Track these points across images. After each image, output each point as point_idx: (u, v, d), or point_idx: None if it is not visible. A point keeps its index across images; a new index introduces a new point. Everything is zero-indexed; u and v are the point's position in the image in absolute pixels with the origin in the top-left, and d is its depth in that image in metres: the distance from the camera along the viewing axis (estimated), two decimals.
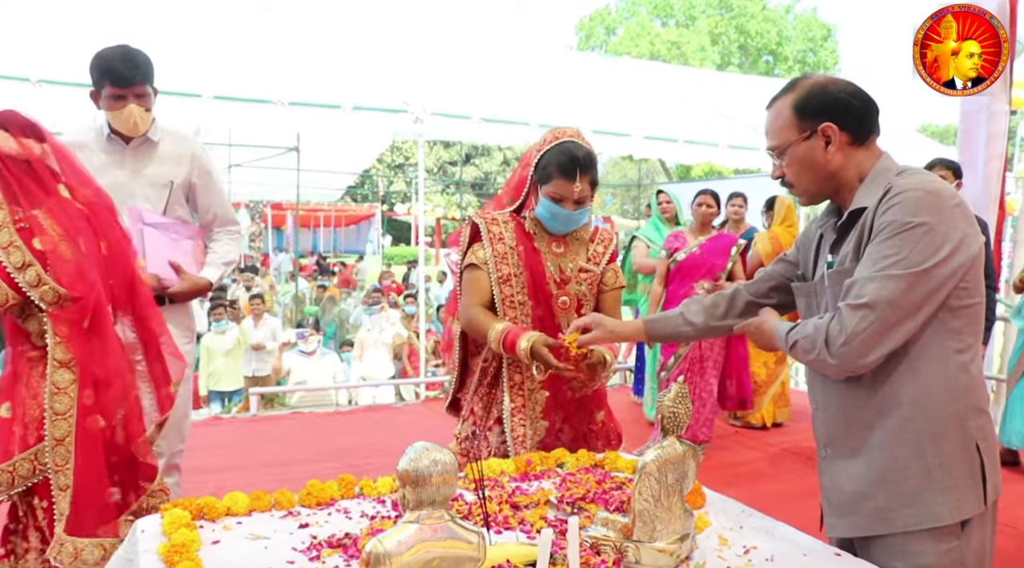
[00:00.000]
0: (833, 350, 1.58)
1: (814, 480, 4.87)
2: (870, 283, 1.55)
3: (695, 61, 29.42)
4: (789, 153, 1.73)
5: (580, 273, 2.51)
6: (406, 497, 1.20)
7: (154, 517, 1.74)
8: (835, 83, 1.73)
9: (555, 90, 8.90)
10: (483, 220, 2.50)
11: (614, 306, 2.61)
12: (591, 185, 2.41)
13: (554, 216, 2.43)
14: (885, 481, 1.64)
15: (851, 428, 1.70)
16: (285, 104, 6.55)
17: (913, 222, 1.54)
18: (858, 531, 1.69)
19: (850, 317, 1.55)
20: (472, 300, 2.47)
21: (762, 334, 1.86)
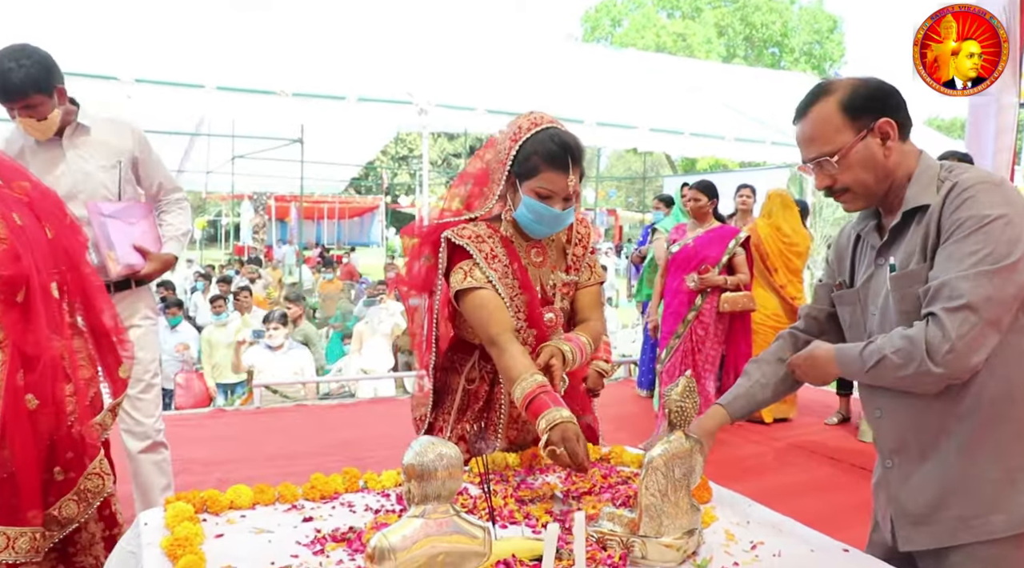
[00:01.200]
0: (938, 358, 1.48)
1: (819, 474, 4.88)
2: (964, 283, 1.47)
3: (701, 53, 29.34)
4: (847, 157, 1.62)
5: (563, 288, 2.20)
6: (411, 491, 1.19)
7: (157, 510, 1.73)
8: (870, 79, 1.66)
9: (560, 82, 8.88)
10: (468, 240, 2.07)
11: (592, 304, 2.27)
12: (580, 179, 2.06)
13: (539, 217, 2.04)
14: (967, 487, 1.58)
15: (924, 434, 1.62)
16: (289, 95, 6.54)
17: (992, 215, 1.48)
18: (940, 541, 1.61)
19: (951, 321, 1.47)
20: (499, 326, 2.00)
21: (815, 365, 1.74)
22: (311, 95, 6.75)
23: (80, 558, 2.21)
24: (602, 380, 2.85)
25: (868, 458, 4.80)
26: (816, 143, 1.66)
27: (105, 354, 2.38)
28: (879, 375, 1.59)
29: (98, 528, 2.28)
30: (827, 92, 1.65)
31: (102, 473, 2.27)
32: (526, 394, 1.86)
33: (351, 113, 6.89)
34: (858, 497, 4.11)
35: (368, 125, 10.17)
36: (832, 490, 4.43)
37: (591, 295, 2.27)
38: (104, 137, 3.06)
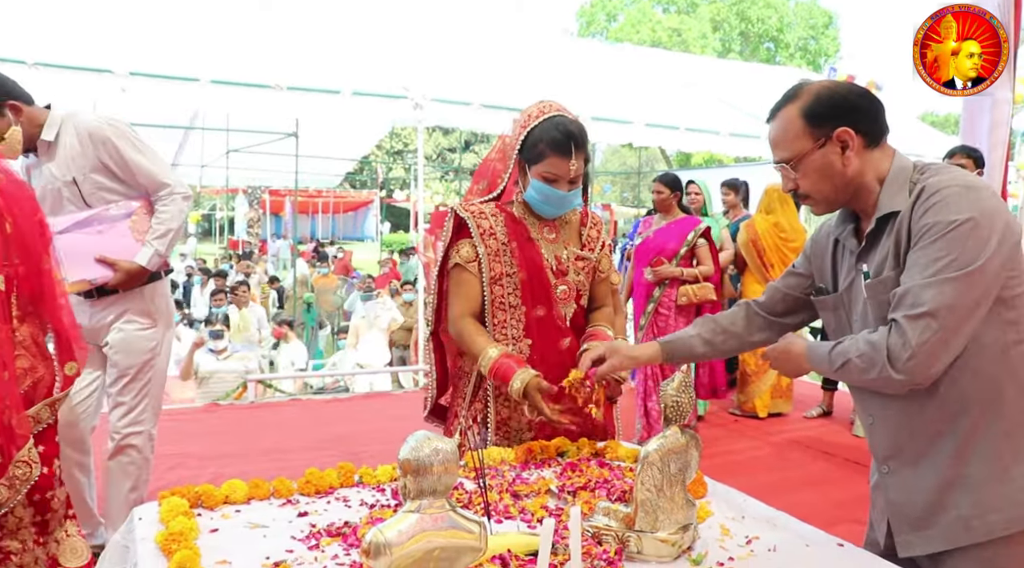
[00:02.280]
0: (899, 365, 1.48)
1: (814, 469, 4.89)
2: (926, 290, 1.47)
3: (696, 48, 29.32)
4: (804, 163, 1.64)
5: (577, 261, 2.36)
6: (407, 486, 1.19)
7: (151, 505, 1.73)
8: (840, 86, 1.67)
9: (555, 77, 8.85)
10: (470, 214, 2.28)
11: (607, 295, 2.48)
12: (585, 163, 2.23)
13: (547, 199, 2.24)
14: (963, 488, 1.57)
15: (917, 438, 1.62)
16: (284, 89, 6.51)
17: (958, 220, 1.47)
18: (939, 545, 1.60)
19: (912, 328, 1.47)
20: (462, 309, 2.26)
21: (789, 359, 1.76)
22: (306, 89, 6.71)
23: (6, 542, 2.20)
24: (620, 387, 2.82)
25: (862, 453, 4.83)
26: (779, 148, 1.69)
27: (61, 351, 2.38)
28: (845, 376, 1.63)
29: (27, 513, 2.26)
30: (794, 98, 1.66)
31: (30, 461, 2.24)
32: (491, 362, 2.14)
33: (346, 107, 6.86)
34: (852, 492, 4.13)
35: (363, 119, 10.15)
36: (827, 485, 4.45)
37: (608, 284, 2.47)
38: (67, 149, 2.97)
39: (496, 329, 2.27)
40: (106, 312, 3.08)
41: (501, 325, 2.27)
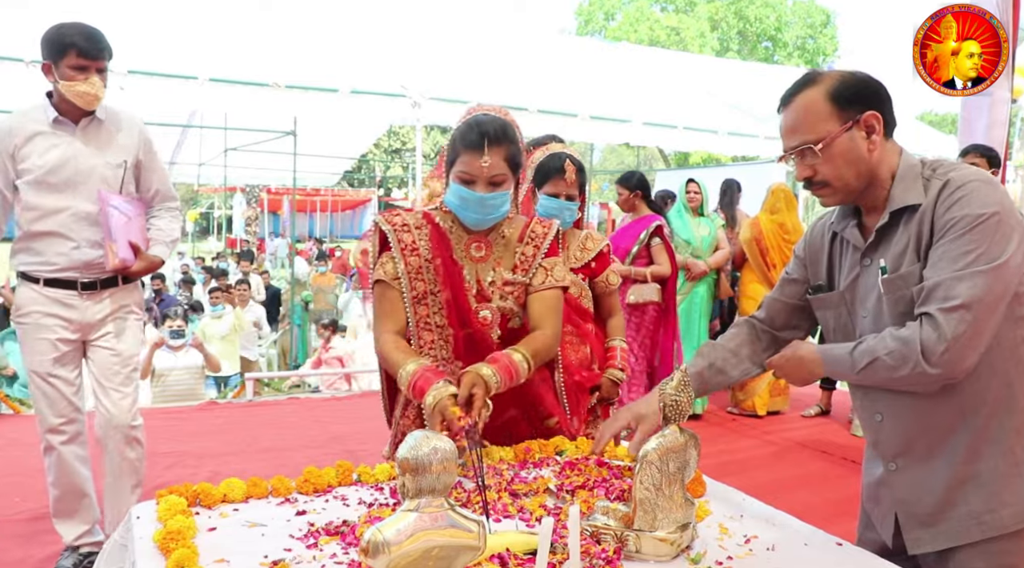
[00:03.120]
0: (934, 359, 1.47)
1: (813, 468, 4.90)
2: (959, 283, 1.47)
3: (694, 47, 29.31)
4: (831, 147, 1.60)
5: (505, 286, 2.12)
6: (405, 485, 1.19)
7: (150, 503, 1.72)
8: (859, 72, 1.65)
9: (553, 75, 8.85)
10: (392, 227, 2.10)
11: (548, 311, 2.12)
12: (509, 164, 2.03)
13: (464, 203, 2.03)
14: (975, 484, 1.58)
15: (929, 435, 1.62)
16: (282, 87, 6.51)
17: (986, 214, 1.48)
18: (951, 541, 1.60)
19: (947, 321, 1.46)
20: (385, 326, 2.08)
21: (801, 366, 1.71)
22: (304, 87, 6.71)
23: None
24: (617, 389, 2.91)
25: (860, 452, 4.82)
26: (800, 131, 1.64)
27: None
28: (870, 376, 1.58)
29: None
30: (815, 81, 1.64)
31: None
32: (409, 377, 1.90)
33: (344, 106, 6.86)
34: (851, 491, 4.12)
35: (361, 118, 10.12)
36: (825, 484, 4.45)
37: (544, 301, 2.13)
38: (115, 133, 3.07)
39: (424, 350, 2.09)
40: (104, 304, 3.10)
41: (428, 346, 2.10)
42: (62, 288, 3.01)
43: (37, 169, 2.92)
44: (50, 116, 2.96)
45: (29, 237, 2.99)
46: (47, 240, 2.97)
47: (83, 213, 2.97)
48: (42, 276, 3.00)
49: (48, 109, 2.97)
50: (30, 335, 3.02)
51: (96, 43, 2.90)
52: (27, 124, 2.95)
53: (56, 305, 3.01)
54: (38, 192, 2.94)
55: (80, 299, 3.04)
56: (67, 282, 3.01)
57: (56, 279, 3.00)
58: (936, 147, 11.99)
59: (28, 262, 3.01)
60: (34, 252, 3.00)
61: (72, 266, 3.01)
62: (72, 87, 2.87)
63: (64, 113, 2.97)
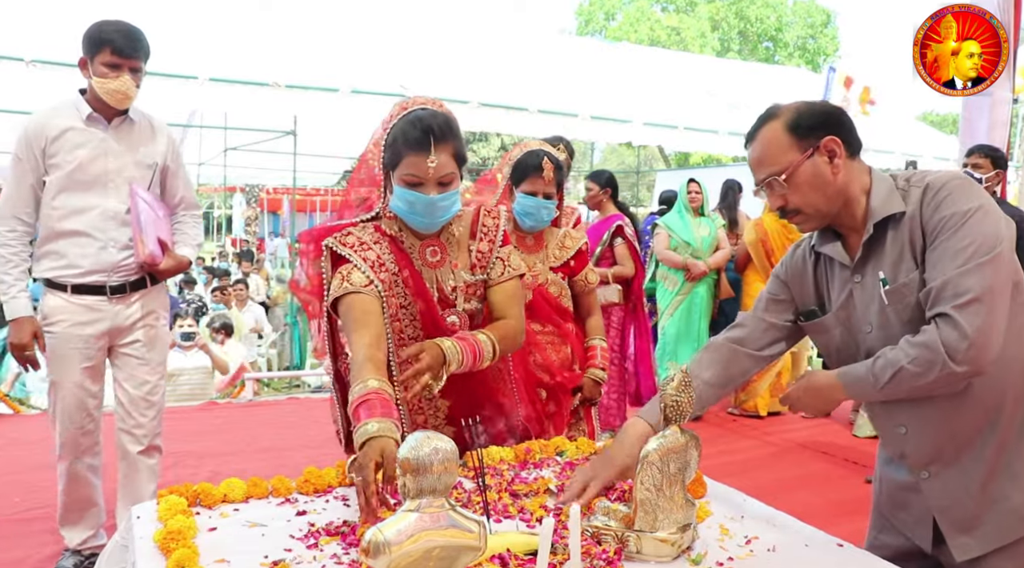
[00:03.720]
0: (959, 357, 1.48)
1: (814, 469, 4.88)
2: (966, 278, 1.49)
3: (695, 47, 29.30)
4: (795, 176, 1.63)
5: (466, 289, 2.04)
6: (406, 485, 1.19)
7: (150, 503, 1.72)
8: (815, 102, 1.71)
9: (554, 75, 8.86)
10: (350, 249, 1.95)
11: (510, 300, 2.06)
12: (456, 160, 1.91)
13: (412, 207, 1.90)
14: (1010, 477, 1.59)
15: (957, 437, 1.62)
16: (282, 87, 6.52)
17: (972, 208, 1.52)
18: (997, 541, 1.60)
19: (964, 317, 1.47)
20: (362, 339, 1.82)
21: (820, 395, 1.70)
22: (304, 87, 6.72)
23: None
24: (599, 389, 2.90)
25: (861, 453, 4.84)
26: (765, 164, 1.68)
27: None
28: (895, 388, 1.57)
29: None
30: (773, 116, 1.68)
31: None
32: (353, 400, 1.68)
33: (344, 105, 6.87)
34: (852, 492, 4.14)
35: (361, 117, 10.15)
36: (826, 485, 4.45)
37: (505, 291, 2.06)
38: (146, 136, 3.04)
39: (402, 368, 1.91)
40: (133, 309, 3.04)
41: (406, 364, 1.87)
42: (91, 294, 2.94)
43: (66, 165, 2.86)
44: (83, 112, 2.91)
45: (53, 238, 2.91)
46: (72, 240, 2.90)
47: (111, 212, 2.92)
48: (69, 283, 2.92)
49: (81, 105, 2.92)
50: (60, 346, 2.94)
51: (132, 41, 2.86)
52: (59, 119, 2.90)
53: (85, 312, 2.94)
54: (66, 189, 2.88)
55: (110, 304, 2.98)
56: (95, 287, 2.94)
57: (84, 284, 2.93)
58: (937, 148, 11.99)
59: (53, 267, 2.93)
60: (58, 255, 2.92)
61: (99, 268, 2.93)
62: (104, 84, 2.84)
63: (97, 110, 2.92)
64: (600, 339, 2.94)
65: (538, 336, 2.72)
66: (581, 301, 2.94)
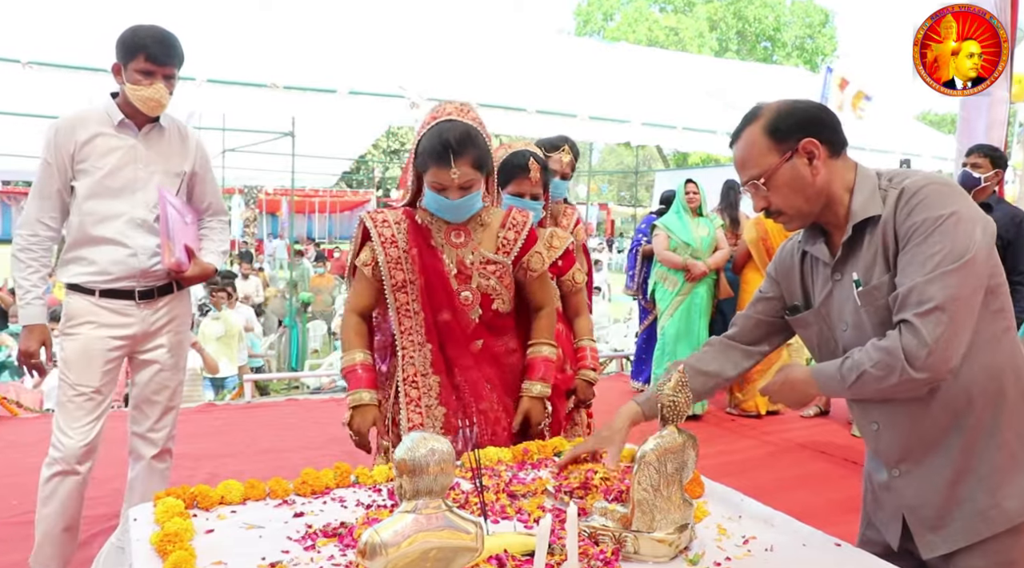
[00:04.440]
0: (918, 364, 1.49)
1: (811, 469, 4.87)
2: (930, 285, 1.50)
3: (693, 47, 29.34)
4: (774, 178, 1.66)
5: (487, 265, 2.32)
6: (403, 487, 1.18)
7: (147, 505, 1.72)
8: (798, 101, 1.70)
9: (552, 76, 8.86)
10: (373, 221, 2.33)
11: (546, 288, 2.45)
12: (475, 167, 2.20)
13: (440, 207, 2.25)
14: (976, 479, 1.60)
15: (925, 437, 1.64)
16: (280, 88, 6.51)
17: (944, 214, 1.51)
18: (962, 540, 1.61)
19: (925, 325, 1.49)
20: (351, 304, 2.39)
21: (793, 389, 1.73)
22: (302, 88, 6.71)
23: None
24: (592, 389, 2.88)
25: (860, 453, 4.81)
26: (746, 167, 1.70)
27: None
28: (861, 389, 1.60)
29: None
30: (755, 117, 1.69)
31: None
32: (346, 365, 2.31)
33: (342, 107, 6.86)
34: (850, 492, 4.12)
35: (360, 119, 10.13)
36: (824, 485, 4.44)
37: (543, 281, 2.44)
38: (176, 144, 3.01)
39: (404, 335, 2.32)
40: (159, 315, 2.99)
41: (408, 332, 2.31)
42: (119, 299, 2.89)
43: (96, 170, 2.82)
44: (115, 118, 2.86)
45: (81, 244, 2.86)
46: (102, 248, 2.85)
47: (139, 220, 2.87)
48: (98, 287, 2.86)
49: (113, 110, 2.88)
50: (80, 346, 2.87)
51: (167, 48, 2.83)
52: (90, 124, 2.85)
53: (113, 315, 2.89)
54: (96, 195, 2.83)
55: (138, 309, 2.93)
56: (124, 292, 2.89)
57: (112, 289, 2.88)
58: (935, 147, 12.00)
59: (82, 272, 2.87)
60: (87, 262, 2.86)
61: (129, 275, 2.88)
62: (137, 91, 2.80)
63: (129, 116, 2.88)
64: (589, 340, 2.92)
65: None
66: (568, 301, 2.92)
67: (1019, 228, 4.15)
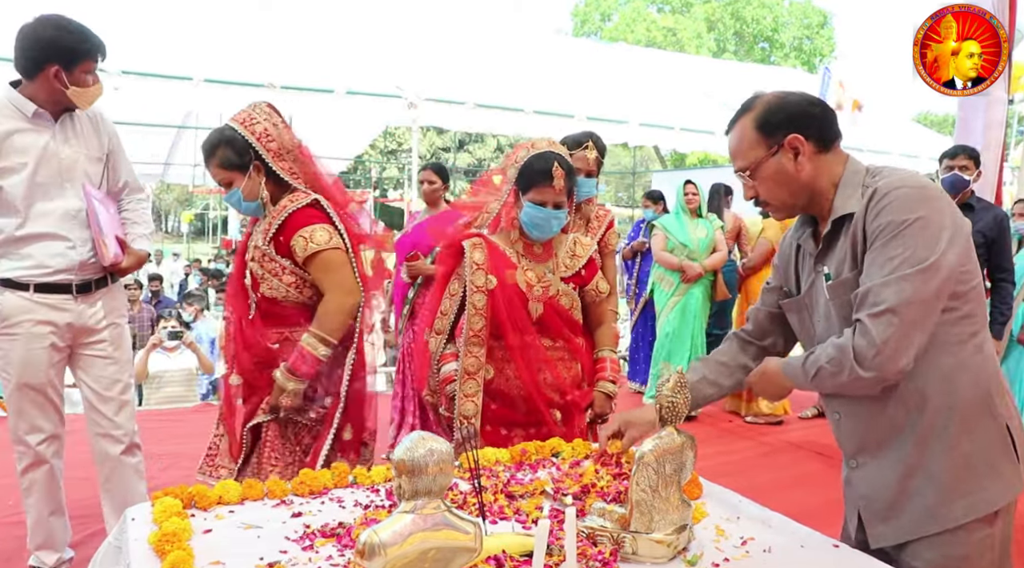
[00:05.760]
0: (866, 364, 1.53)
1: (809, 470, 4.87)
2: (885, 288, 1.52)
3: (691, 48, 29.36)
4: (760, 171, 1.70)
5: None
6: (402, 487, 1.18)
7: (145, 505, 1.72)
8: (791, 95, 1.72)
9: (550, 76, 8.86)
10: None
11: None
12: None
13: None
14: (927, 478, 1.61)
15: (879, 431, 1.67)
16: (277, 88, 6.51)
17: (909, 219, 1.53)
18: (908, 534, 1.64)
19: (875, 326, 1.52)
20: None
21: (768, 381, 1.79)
22: (300, 88, 6.71)
23: None
24: (611, 403, 2.68)
25: None
26: (737, 158, 1.75)
27: None
28: (820, 384, 1.65)
29: None
30: (749, 109, 1.73)
31: None
32: None
33: (340, 107, 6.87)
34: None
35: (357, 119, 10.13)
36: (822, 486, 4.45)
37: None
38: (90, 128, 2.93)
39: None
40: (98, 308, 2.94)
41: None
42: (56, 293, 2.83)
43: (21, 168, 2.73)
44: (27, 110, 2.74)
45: (16, 242, 2.78)
46: (40, 243, 2.79)
47: (73, 211, 2.81)
48: (32, 282, 2.80)
49: (22, 102, 2.74)
50: (21, 346, 2.82)
51: (103, 43, 2.78)
52: (7, 119, 2.74)
53: (50, 311, 2.82)
54: (25, 192, 2.75)
55: (75, 303, 2.87)
56: (60, 286, 2.84)
57: (48, 283, 2.82)
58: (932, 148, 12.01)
59: (15, 267, 2.78)
60: (22, 256, 2.79)
61: (68, 267, 2.82)
62: (86, 93, 2.76)
63: (43, 106, 2.77)
64: (610, 350, 2.72)
65: (548, 352, 2.55)
66: (591, 311, 2.69)
67: (1001, 227, 4.16)
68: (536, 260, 2.57)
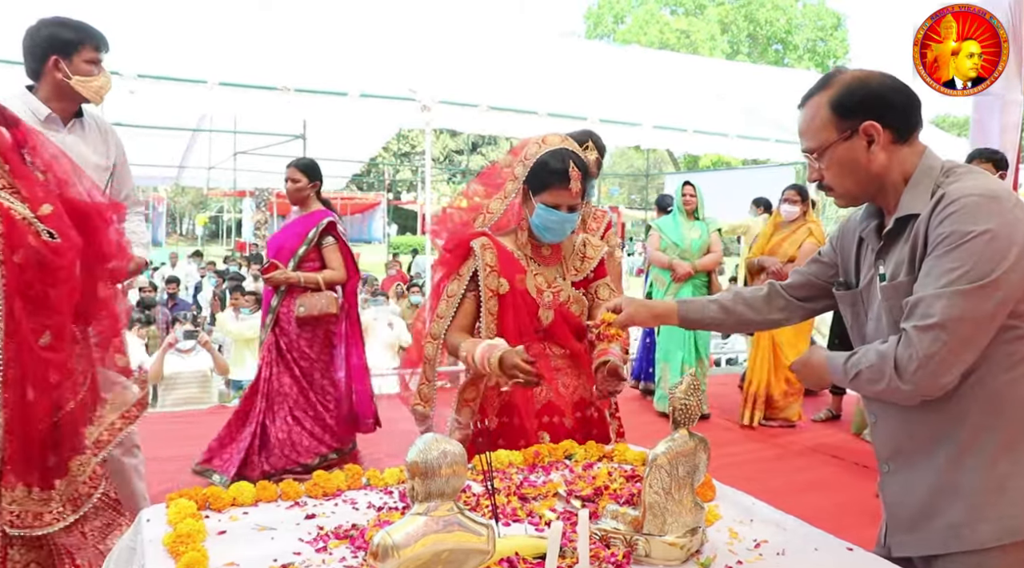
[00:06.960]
0: (906, 376, 1.47)
1: (823, 473, 4.85)
2: (937, 301, 1.44)
3: (704, 50, 29.29)
4: (828, 155, 1.61)
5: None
6: (415, 489, 1.18)
7: (159, 507, 1.73)
8: (874, 77, 1.61)
9: (563, 79, 8.85)
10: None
11: None
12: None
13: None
14: (957, 495, 1.55)
15: (916, 441, 1.61)
16: (291, 91, 6.53)
17: (975, 231, 1.43)
18: (930, 549, 1.59)
19: (920, 340, 1.45)
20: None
21: (812, 370, 1.74)
22: (313, 91, 6.72)
23: None
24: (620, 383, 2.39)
25: (870, 457, 4.80)
26: (805, 137, 1.66)
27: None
28: (858, 387, 1.60)
29: None
30: (825, 86, 1.63)
31: None
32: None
33: (353, 109, 6.87)
34: (861, 495, 4.11)
35: (370, 121, 10.17)
36: (835, 488, 4.43)
37: None
38: (99, 137, 2.97)
39: None
40: None
41: None
42: None
43: None
44: (41, 113, 2.74)
45: None
46: None
47: None
48: None
49: (36, 105, 2.75)
50: None
51: (103, 35, 2.80)
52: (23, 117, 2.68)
53: None
54: None
55: None
56: None
57: None
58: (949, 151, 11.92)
59: None
60: None
61: None
62: (89, 82, 2.75)
63: (55, 110, 2.79)
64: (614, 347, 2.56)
65: (555, 361, 2.42)
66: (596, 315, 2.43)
67: None
68: (544, 263, 2.42)
